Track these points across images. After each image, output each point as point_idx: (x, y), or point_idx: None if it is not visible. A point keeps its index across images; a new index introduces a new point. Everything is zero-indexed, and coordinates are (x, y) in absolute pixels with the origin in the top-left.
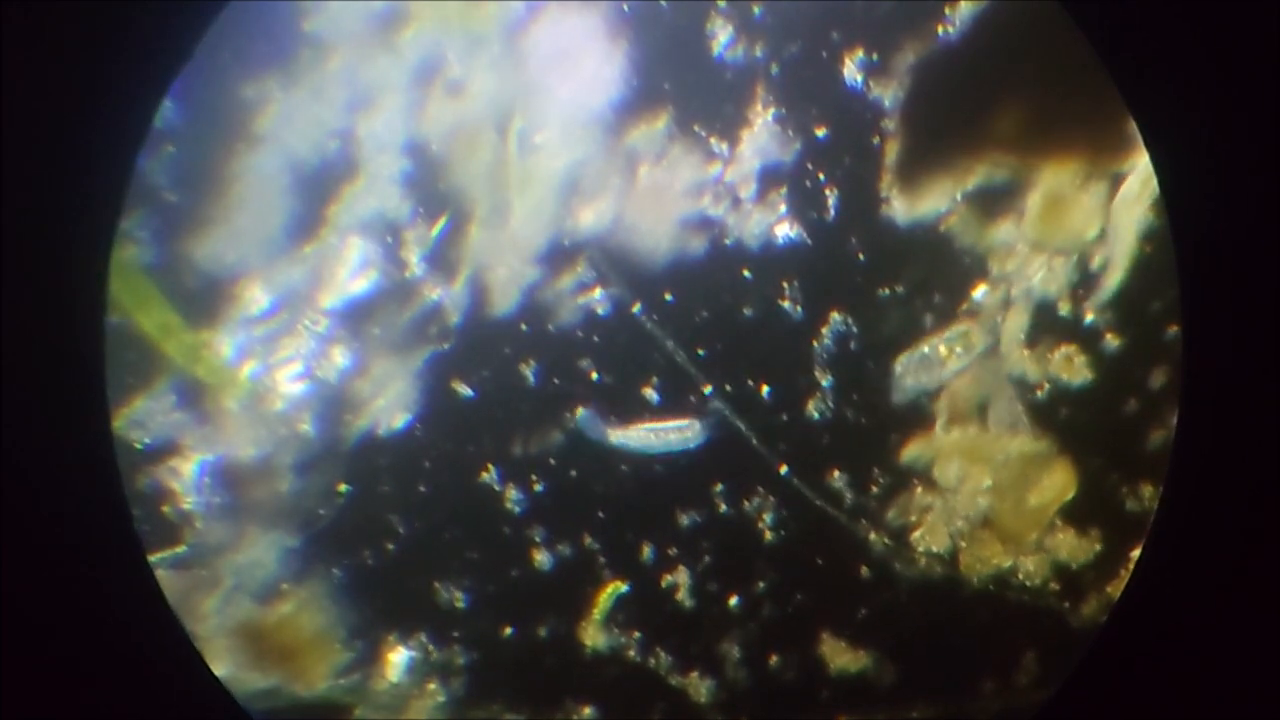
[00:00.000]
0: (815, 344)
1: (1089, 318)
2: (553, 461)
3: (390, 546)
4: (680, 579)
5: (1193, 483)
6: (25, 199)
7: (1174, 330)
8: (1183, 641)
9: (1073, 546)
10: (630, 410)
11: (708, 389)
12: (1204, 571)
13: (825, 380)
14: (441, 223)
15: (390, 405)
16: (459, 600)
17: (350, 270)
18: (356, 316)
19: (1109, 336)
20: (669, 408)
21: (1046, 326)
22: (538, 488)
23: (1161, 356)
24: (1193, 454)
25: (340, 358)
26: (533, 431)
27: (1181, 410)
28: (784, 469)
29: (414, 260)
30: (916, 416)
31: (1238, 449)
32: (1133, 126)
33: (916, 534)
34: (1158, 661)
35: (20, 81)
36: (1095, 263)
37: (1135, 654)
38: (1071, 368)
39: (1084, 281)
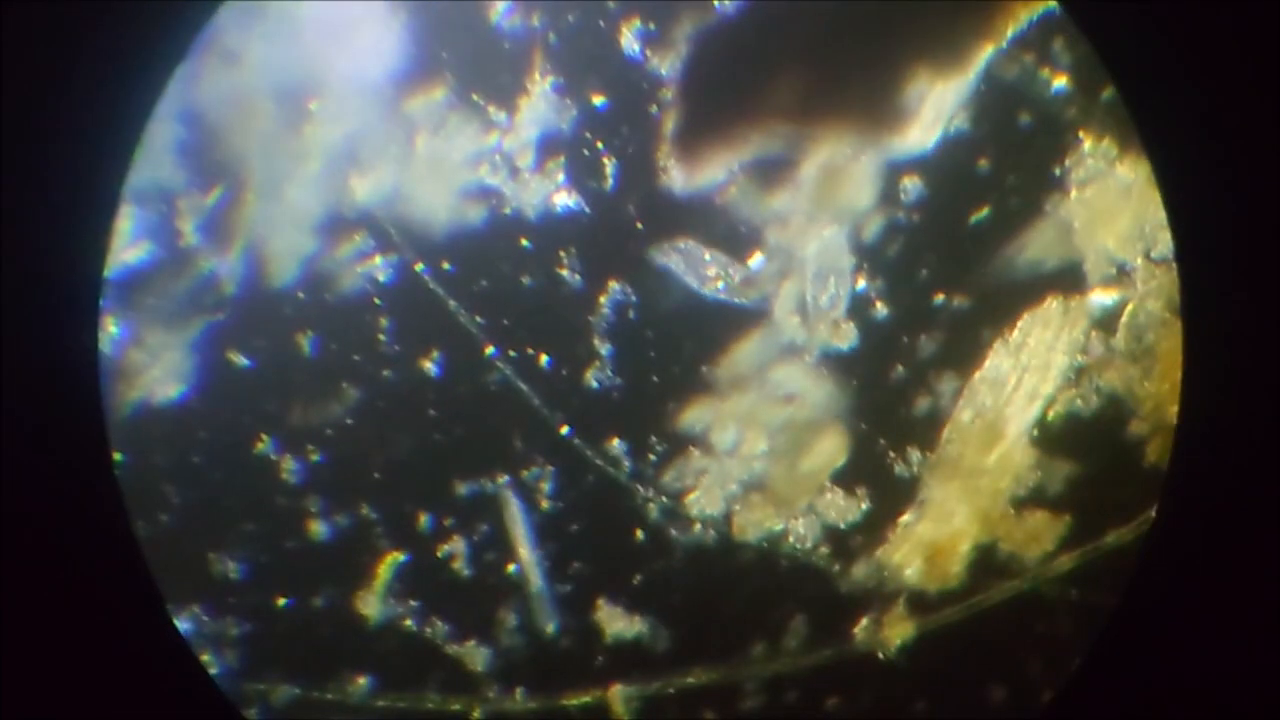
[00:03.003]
0: (595, 312)
1: (860, 285)
2: (330, 432)
3: (163, 517)
4: (458, 548)
5: (1192, 484)
6: (22, 199)
7: (940, 299)
8: (1182, 643)
9: (842, 509)
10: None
11: (489, 351)
12: (1203, 572)
13: (605, 347)
14: (217, 192)
15: (164, 375)
16: (234, 571)
17: (124, 240)
18: (130, 286)
19: (879, 305)
20: (448, 377)
21: (820, 294)
22: (315, 458)
23: (929, 325)
24: (1192, 455)
25: (113, 327)
26: (311, 401)
27: (1182, 411)
28: (564, 431)
29: (189, 230)
30: (694, 382)
31: (1237, 450)
32: (906, 98)
33: (691, 498)
34: (1157, 663)
35: (18, 81)
36: (867, 232)
37: (1135, 656)
38: (841, 335)
39: (857, 250)
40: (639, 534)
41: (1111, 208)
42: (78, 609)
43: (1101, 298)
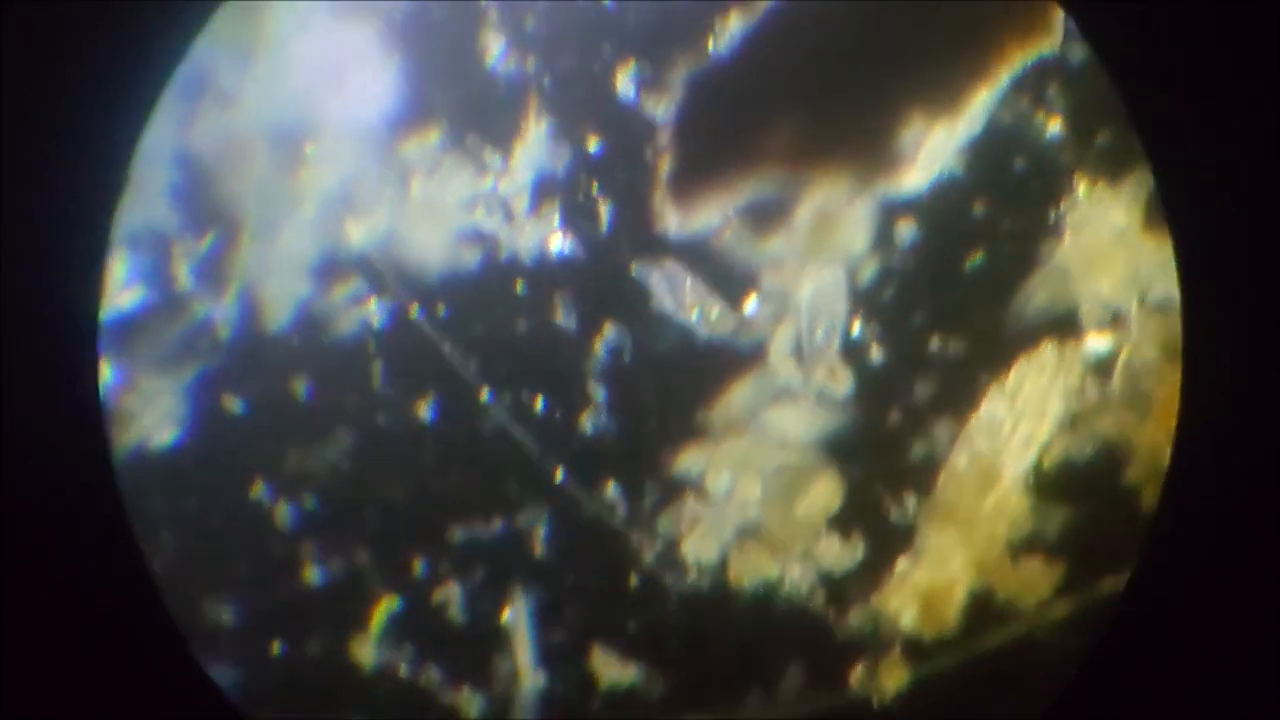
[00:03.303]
0: (590, 356)
1: (855, 329)
2: (325, 476)
3: (158, 562)
4: (453, 594)
5: (1191, 486)
6: (19, 199)
7: (936, 341)
8: (1181, 645)
9: (837, 555)
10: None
11: (484, 395)
12: (1202, 574)
13: (599, 391)
14: (211, 236)
15: (158, 420)
16: (228, 617)
17: (118, 284)
18: (124, 331)
19: (874, 349)
20: (443, 422)
21: (815, 338)
22: (310, 503)
23: (924, 370)
24: (1192, 458)
25: (107, 372)
26: (306, 446)
27: (1181, 412)
28: (559, 476)
29: (184, 274)
30: (689, 427)
31: (1236, 453)
32: (901, 141)
33: (687, 544)
34: (1156, 667)
35: (16, 81)
36: (862, 276)
37: (1134, 659)
38: (837, 379)
39: (852, 294)
40: (633, 580)
41: (1106, 253)
42: (82, 614)
43: (1097, 343)
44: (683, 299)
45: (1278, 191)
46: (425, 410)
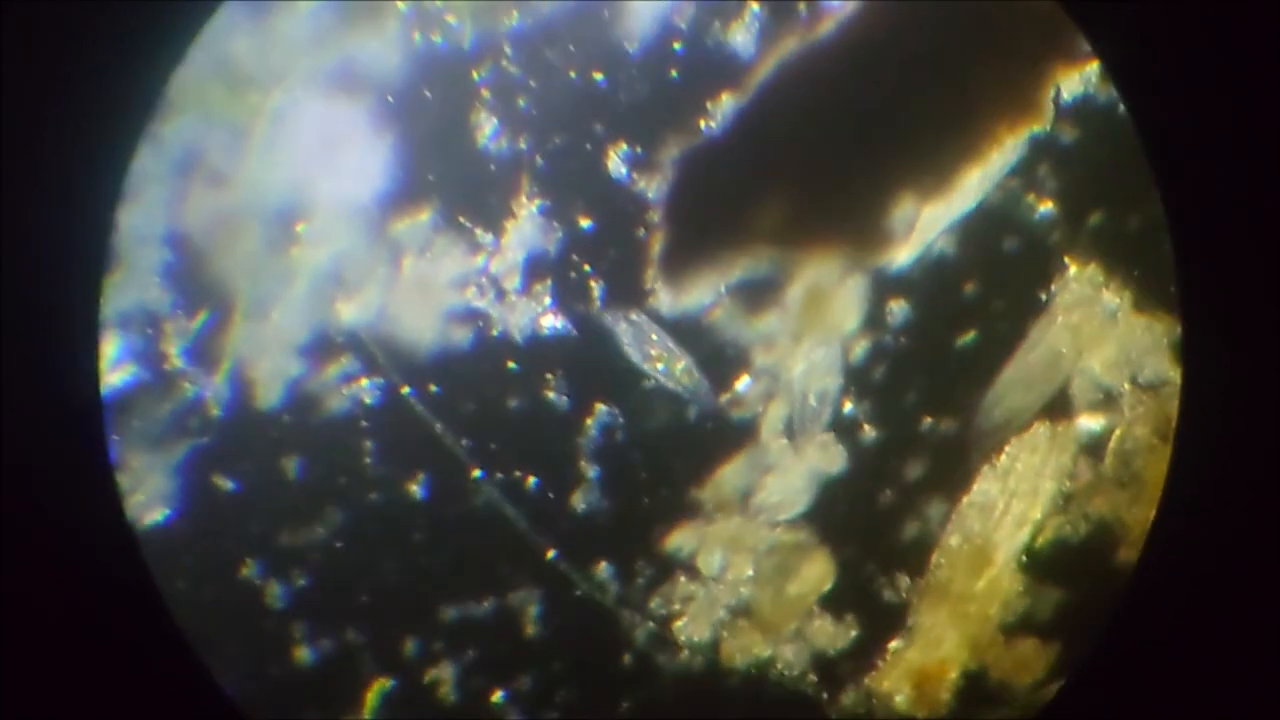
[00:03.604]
0: (582, 434)
1: (847, 408)
2: (316, 555)
3: None
4: (445, 674)
5: (1190, 490)
6: (17, 200)
7: (928, 420)
8: (1181, 648)
9: (830, 635)
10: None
11: (476, 473)
12: (1201, 576)
13: (591, 470)
14: (203, 315)
15: (149, 499)
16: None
17: (109, 363)
18: (115, 409)
19: (866, 427)
20: (435, 500)
21: (807, 417)
22: (301, 581)
23: (916, 449)
24: (1191, 461)
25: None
26: (297, 524)
27: (1181, 415)
28: (551, 555)
29: (175, 353)
30: (681, 505)
31: (1235, 455)
32: (893, 220)
33: (679, 624)
34: (1155, 669)
35: (14, 81)
36: (854, 354)
37: (1133, 661)
38: (829, 457)
39: (844, 372)
40: (626, 659)
41: (1098, 333)
42: (76, 614)
43: (1089, 423)
44: (675, 376)
45: None
46: (416, 489)
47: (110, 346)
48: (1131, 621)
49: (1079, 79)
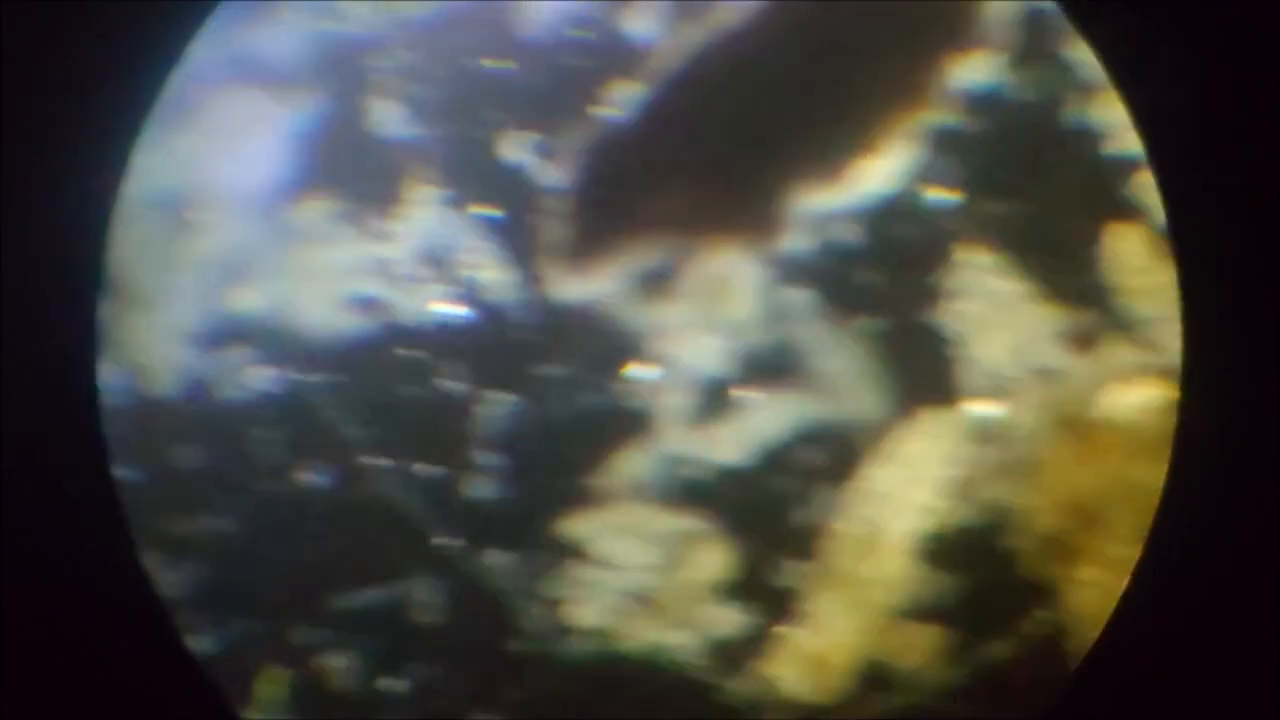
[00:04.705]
0: (476, 421)
1: (742, 395)
2: (209, 545)
3: None
4: (339, 663)
5: (1190, 493)
6: (15, 201)
7: (822, 407)
8: (1180, 650)
9: (723, 620)
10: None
11: (370, 461)
12: (1201, 577)
13: (486, 457)
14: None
15: None
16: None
17: None
18: None
19: (762, 414)
20: (329, 488)
21: (701, 405)
22: (194, 572)
23: (815, 434)
24: (1190, 463)
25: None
26: (190, 514)
27: (1181, 416)
28: (444, 542)
29: None
30: (575, 492)
31: (1235, 457)
32: (785, 211)
33: (572, 609)
34: (1155, 671)
35: (13, 81)
36: (751, 341)
37: (1132, 663)
38: (723, 445)
39: (739, 360)
40: (518, 646)
41: (991, 320)
42: (81, 615)
43: (979, 409)
44: (572, 365)
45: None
46: (311, 476)
47: None
48: (1131, 622)
49: (972, 67)
